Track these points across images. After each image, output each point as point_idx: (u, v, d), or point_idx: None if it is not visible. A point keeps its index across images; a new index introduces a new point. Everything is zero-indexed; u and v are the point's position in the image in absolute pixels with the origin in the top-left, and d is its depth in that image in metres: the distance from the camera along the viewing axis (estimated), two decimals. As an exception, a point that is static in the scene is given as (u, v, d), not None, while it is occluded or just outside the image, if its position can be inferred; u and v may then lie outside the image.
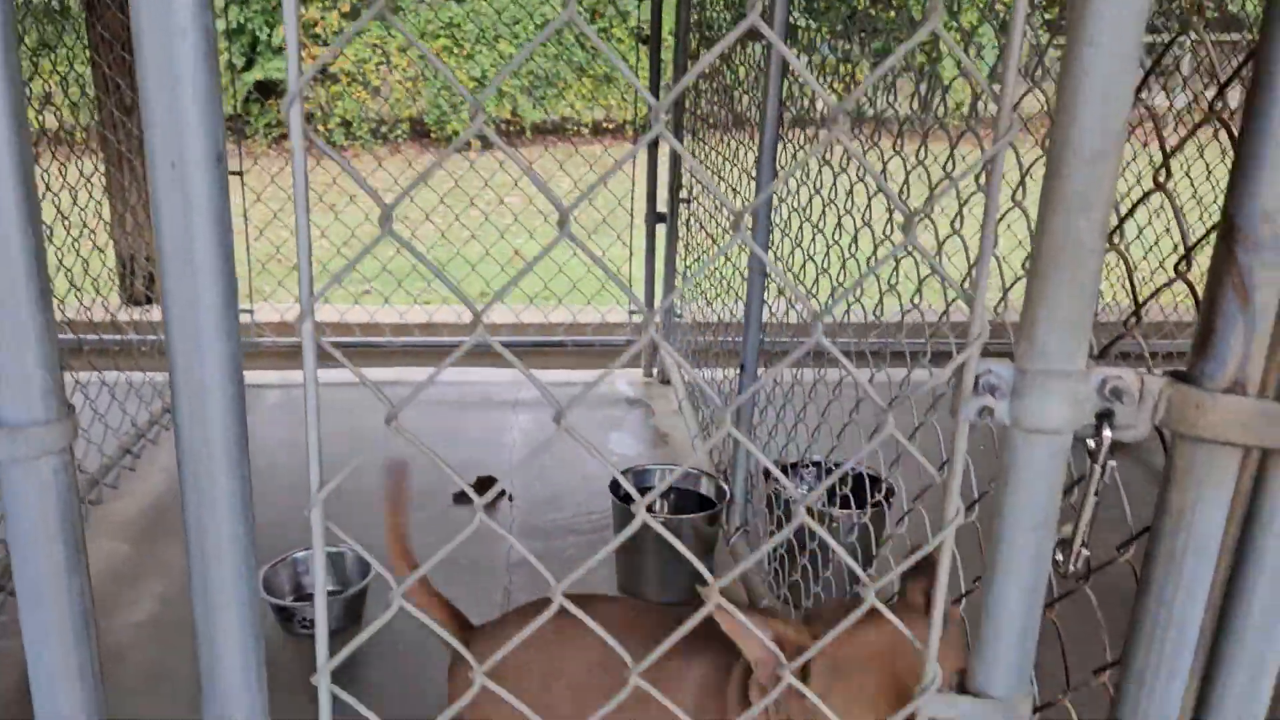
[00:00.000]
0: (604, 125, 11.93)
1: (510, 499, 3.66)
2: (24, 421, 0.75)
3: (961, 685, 0.89)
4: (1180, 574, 0.83)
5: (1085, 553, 0.86)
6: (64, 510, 0.77)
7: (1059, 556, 0.90)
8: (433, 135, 11.81)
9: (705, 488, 3.17)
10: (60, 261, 3.60)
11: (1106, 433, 0.80)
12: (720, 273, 4.13)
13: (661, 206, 4.82)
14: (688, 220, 4.68)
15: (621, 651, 0.91)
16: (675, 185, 4.75)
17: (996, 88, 0.72)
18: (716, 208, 4.05)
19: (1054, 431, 0.79)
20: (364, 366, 4.90)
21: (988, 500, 0.96)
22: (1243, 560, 0.84)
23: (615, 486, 3.08)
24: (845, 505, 2.80)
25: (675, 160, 4.78)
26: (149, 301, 5.50)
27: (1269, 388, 0.79)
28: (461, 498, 3.62)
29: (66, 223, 3.63)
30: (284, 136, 11.07)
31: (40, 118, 3.76)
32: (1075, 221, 0.74)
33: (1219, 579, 0.89)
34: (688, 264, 4.72)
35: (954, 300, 2.11)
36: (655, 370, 5.05)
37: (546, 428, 4.36)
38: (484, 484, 3.67)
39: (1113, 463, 0.79)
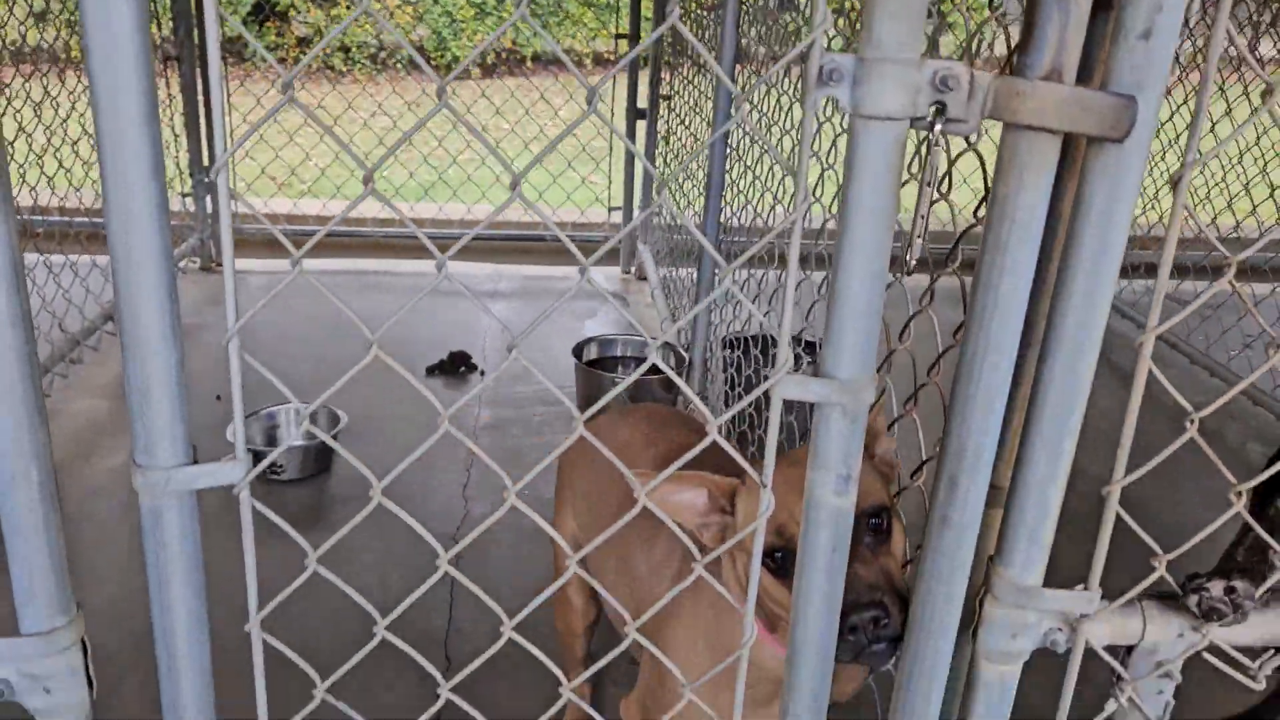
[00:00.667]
0: (605, 56, 11.85)
1: (481, 373, 3.76)
2: None
3: (814, 370, 0.98)
4: (1005, 258, 0.92)
5: (919, 243, 0.95)
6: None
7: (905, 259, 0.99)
8: (433, 61, 11.72)
9: (664, 357, 3.27)
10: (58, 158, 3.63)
11: (938, 126, 0.89)
12: (693, 177, 4.19)
13: (642, 103, 4.87)
14: (667, 117, 4.73)
15: (631, 478, 1.02)
16: (655, 81, 4.79)
17: None
18: (692, 109, 4.10)
19: (891, 118, 0.87)
20: (351, 257, 4.98)
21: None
22: (1066, 248, 0.93)
23: (578, 351, 3.18)
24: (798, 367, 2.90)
25: (657, 59, 4.81)
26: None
27: (1087, 83, 0.88)
28: (434, 370, 3.73)
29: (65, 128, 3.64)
30: (281, 60, 10.97)
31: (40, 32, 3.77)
32: (904, -93, 0.81)
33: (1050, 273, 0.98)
34: (667, 162, 4.77)
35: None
36: (633, 267, 5.13)
37: (521, 313, 4.45)
38: (457, 358, 3.78)
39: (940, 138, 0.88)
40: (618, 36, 5.13)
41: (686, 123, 4.26)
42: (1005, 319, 0.94)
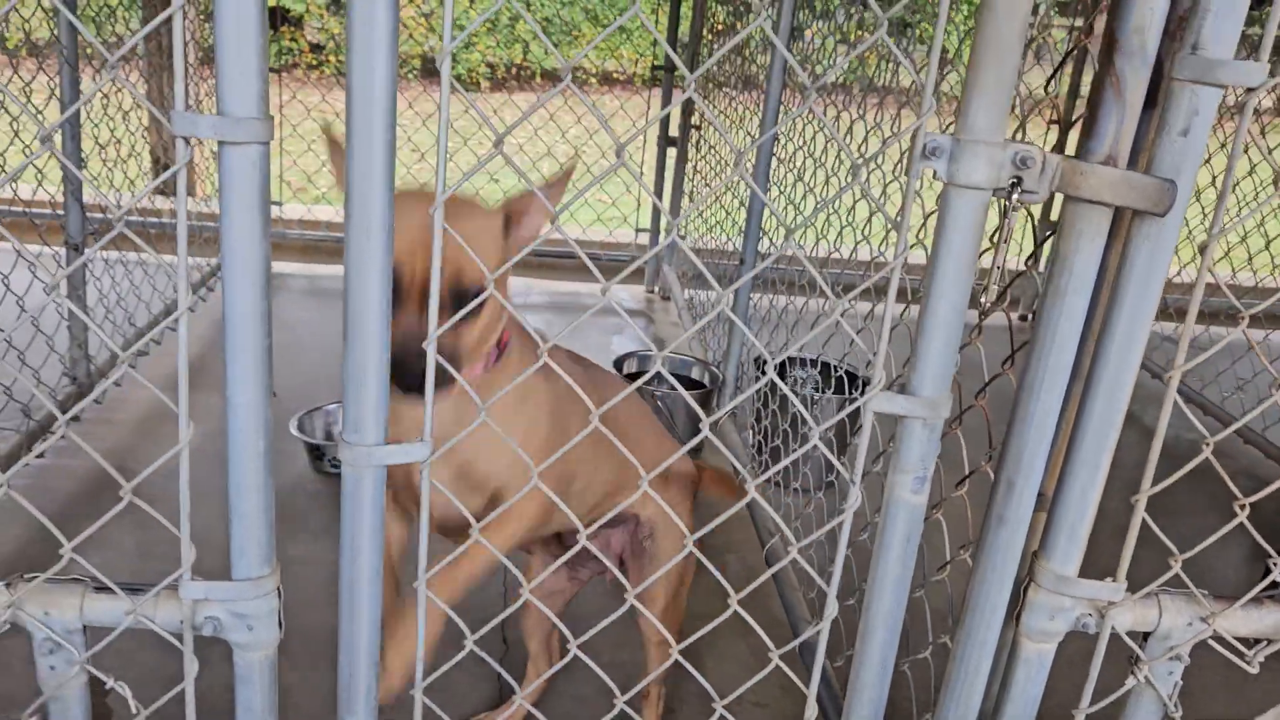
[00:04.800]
0: (614, 76, 12.09)
1: (519, 382, 3.97)
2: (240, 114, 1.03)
3: (901, 388, 1.20)
4: (1063, 304, 1.14)
5: (995, 289, 1.16)
6: (263, 188, 1.06)
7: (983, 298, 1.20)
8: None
9: (698, 374, 3.48)
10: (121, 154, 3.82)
11: (1015, 195, 1.10)
12: (721, 203, 4.42)
13: (674, 131, 5.10)
14: (698, 144, 4.95)
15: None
16: (688, 110, 5.02)
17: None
18: (720, 144, 4.32)
19: (978, 187, 1.09)
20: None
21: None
22: (1111, 299, 1.15)
23: (617, 366, 3.38)
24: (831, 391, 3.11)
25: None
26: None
27: (1135, 166, 1.10)
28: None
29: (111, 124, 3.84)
30: (293, 65, 11.19)
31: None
32: (1000, 25, 1.03)
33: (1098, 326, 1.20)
34: (694, 186, 4.99)
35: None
36: (657, 287, 5.35)
37: (550, 326, 4.66)
38: (496, 367, 3.99)
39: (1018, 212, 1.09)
40: (655, 68, 5.36)
41: (717, 151, 4.48)
42: (1060, 352, 1.15)
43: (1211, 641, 1.31)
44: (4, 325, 2.87)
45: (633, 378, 3.40)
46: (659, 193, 5.22)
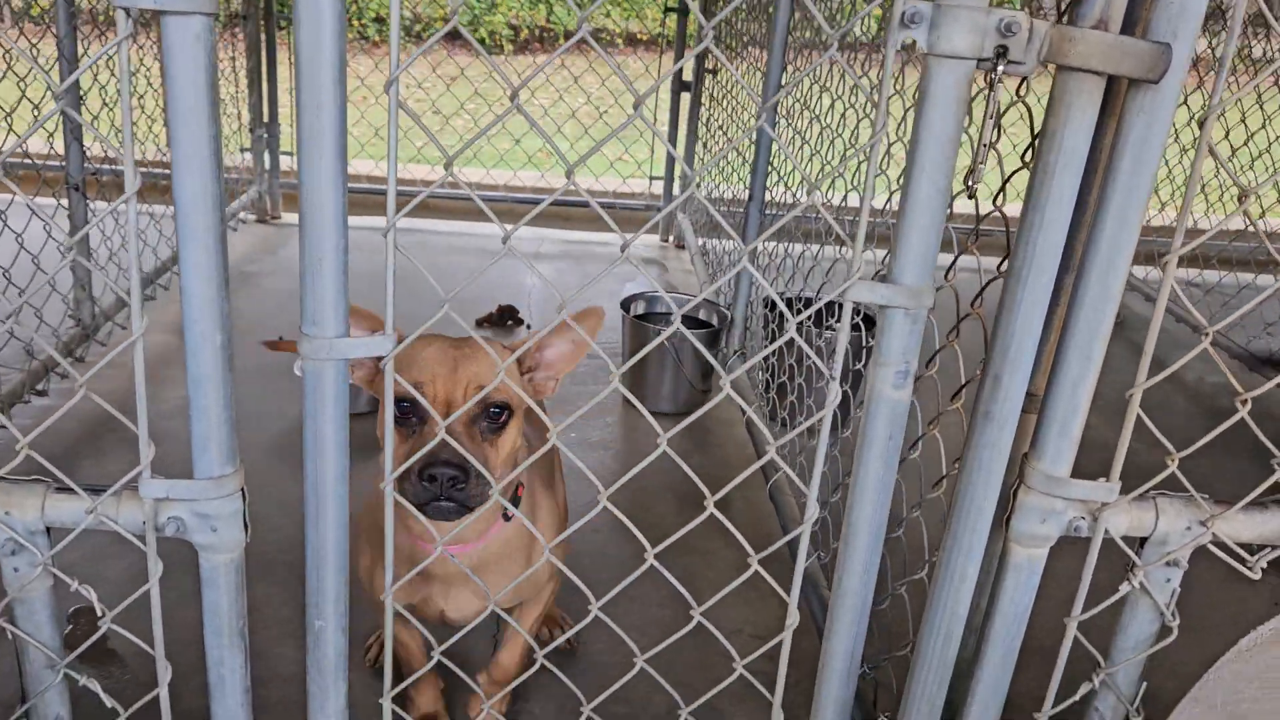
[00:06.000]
0: (638, 36, 11.95)
1: (527, 326, 3.93)
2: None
3: (882, 277, 1.14)
4: (1052, 183, 1.08)
5: (981, 168, 1.10)
6: (209, 67, 1.02)
7: (969, 183, 1.14)
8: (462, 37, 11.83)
9: (705, 314, 3.43)
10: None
11: (1000, 67, 1.04)
12: (737, 149, 4.33)
13: (688, 76, 5.01)
14: (712, 89, 4.87)
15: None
16: (701, 55, 4.92)
17: None
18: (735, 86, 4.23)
19: (960, 56, 1.03)
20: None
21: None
22: (1105, 175, 1.09)
23: (625, 306, 3.34)
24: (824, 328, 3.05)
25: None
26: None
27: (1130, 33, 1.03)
28: (483, 322, 3.91)
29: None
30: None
31: None
32: (982, -125, 0.96)
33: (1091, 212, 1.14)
34: (710, 133, 4.91)
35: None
36: (671, 236, 5.29)
37: (564, 275, 4.62)
38: (505, 312, 3.95)
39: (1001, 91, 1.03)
40: (667, 10, 5.26)
41: (733, 96, 4.40)
42: (1048, 234, 1.10)
43: (1211, 547, 1.26)
44: (9, 269, 2.87)
45: (641, 319, 3.36)
46: (672, 139, 5.15)
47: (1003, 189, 1.40)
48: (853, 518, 1.23)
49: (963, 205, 5.12)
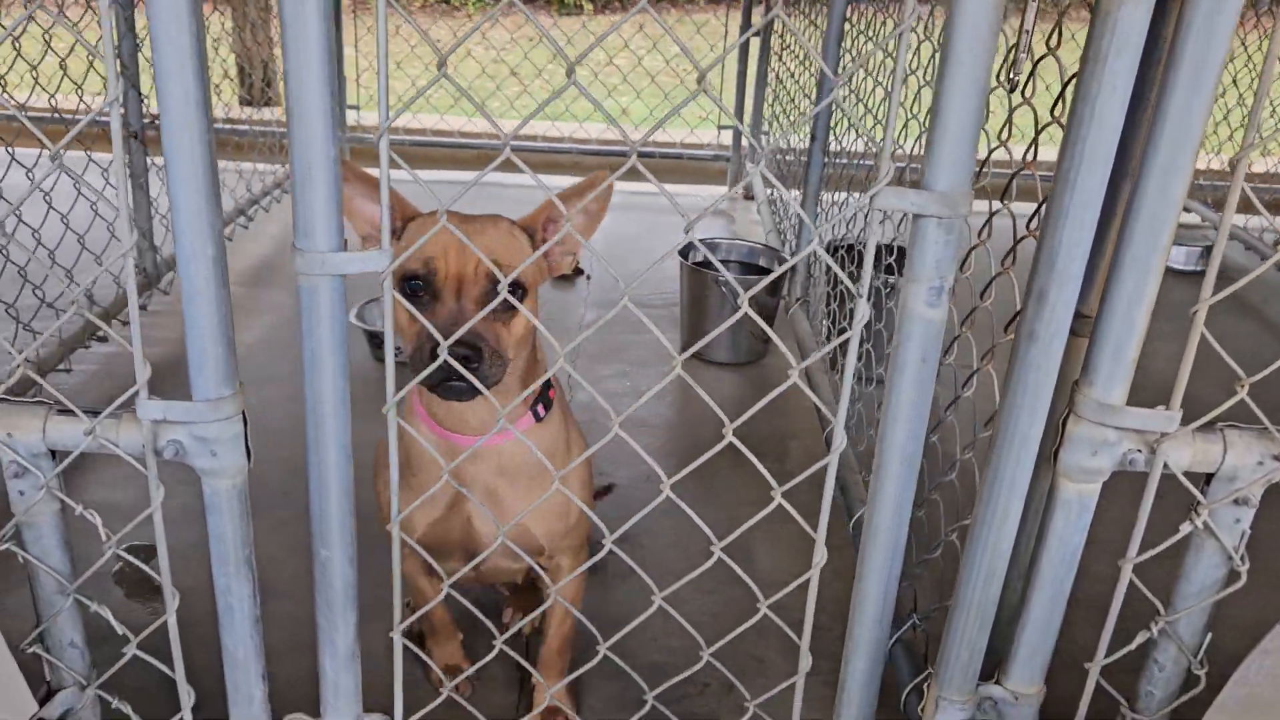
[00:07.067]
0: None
1: (588, 277, 3.88)
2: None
3: (914, 182, 1.04)
4: (1104, 71, 0.96)
5: (1024, 57, 0.99)
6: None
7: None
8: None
9: (765, 262, 3.33)
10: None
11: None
12: (801, 103, 4.19)
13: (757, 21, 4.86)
14: (782, 32, 4.71)
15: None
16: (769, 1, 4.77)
17: None
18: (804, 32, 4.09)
19: (998, -72, 0.92)
20: (452, 169, 5.14)
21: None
22: (1167, 65, 0.97)
23: (684, 253, 3.25)
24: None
25: (773, -25, 4.79)
26: (267, 103, 5.81)
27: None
28: (543, 272, 3.87)
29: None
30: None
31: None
32: None
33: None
34: (780, 79, 4.76)
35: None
36: (740, 187, 5.17)
37: (625, 227, 4.54)
38: (564, 262, 3.91)
39: None
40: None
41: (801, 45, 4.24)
42: (1100, 129, 0.98)
43: (1288, 484, 1.13)
44: (70, 221, 2.91)
45: (699, 266, 3.27)
46: (741, 88, 5.01)
47: (1063, 93, 1.28)
48: (884, 446, 1.14)
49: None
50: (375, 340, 3.08)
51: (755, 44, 4.90)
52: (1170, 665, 1.26)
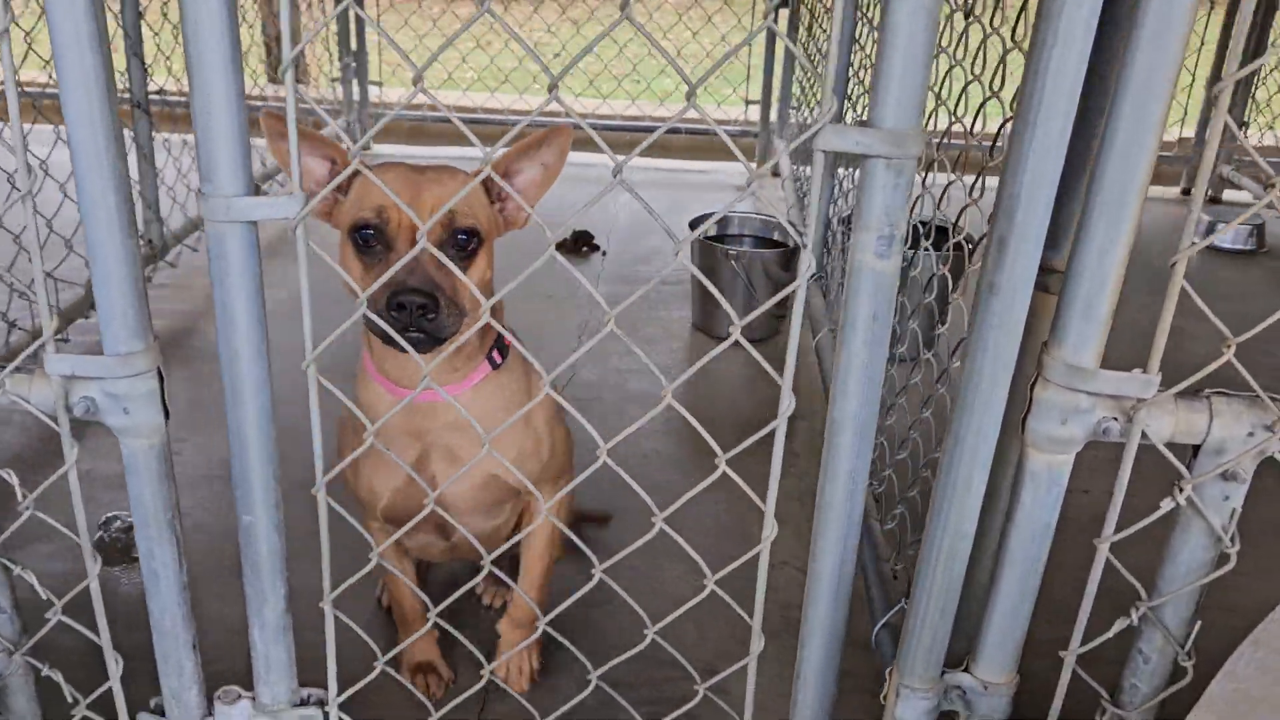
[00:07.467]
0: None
1: (604, 253, 3.80)
2: None
3: (861, 121, 0.95)
4: (1065, -9, 0.86)
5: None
6: None
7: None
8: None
9: (780, 236, 3.23)
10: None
11: None
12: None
13: (785, -8, 4.73)
14: (810, 5, 4.59)
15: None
16: (799, -32, 4.65)
17: None
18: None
19: None
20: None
21: None
22: (1133, -15, 0.87)
23: (694, 226, 3.16)
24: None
25: (803, -55, 4.66)
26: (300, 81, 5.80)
27: None
28: (558, 246, 3.79)
29: None
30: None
31: None
32: None
33: None
34: (808, 53, 4.64)
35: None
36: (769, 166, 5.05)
37: (656, 203, 4.46)
38: (580, 237, 3.83)
39: None
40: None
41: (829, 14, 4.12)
42: (1064, 57, 0.88)
43: (1280, 457, 1.03)
44: (69, 192, 2.89)
45: (711, 239, 3.17)
46: (769, 60, 4.89)
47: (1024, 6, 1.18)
48: (835, 414, 1.05)
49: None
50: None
51: (783, 17, 4.78)
52: (1156, 656, 1.16)
